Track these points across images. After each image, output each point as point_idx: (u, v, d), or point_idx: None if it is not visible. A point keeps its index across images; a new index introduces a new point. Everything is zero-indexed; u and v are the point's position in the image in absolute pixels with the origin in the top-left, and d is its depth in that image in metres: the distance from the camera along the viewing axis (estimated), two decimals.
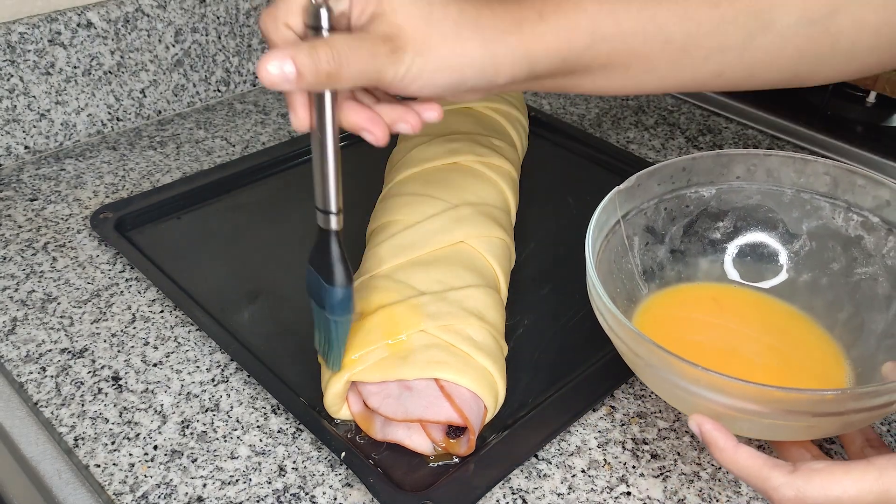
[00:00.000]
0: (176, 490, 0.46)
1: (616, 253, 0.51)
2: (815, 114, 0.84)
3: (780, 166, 0.53)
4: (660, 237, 0.54)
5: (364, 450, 0.48)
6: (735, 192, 0.54)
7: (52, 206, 0.69)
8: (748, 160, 0.53)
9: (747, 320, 0.53)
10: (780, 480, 0.36)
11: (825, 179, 0.52)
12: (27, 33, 0.71)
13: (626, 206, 0.51)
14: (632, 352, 0.43)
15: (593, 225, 0.48)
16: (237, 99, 0.87)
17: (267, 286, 0.60)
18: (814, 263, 0.53)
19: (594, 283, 0.44)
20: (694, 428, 0.39)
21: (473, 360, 0.48)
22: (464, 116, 0.70)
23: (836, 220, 0.52)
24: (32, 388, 0.52)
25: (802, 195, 0.53)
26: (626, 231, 0.52)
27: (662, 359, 0.40)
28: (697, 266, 0.55)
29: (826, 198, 0.52)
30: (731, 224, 0.55)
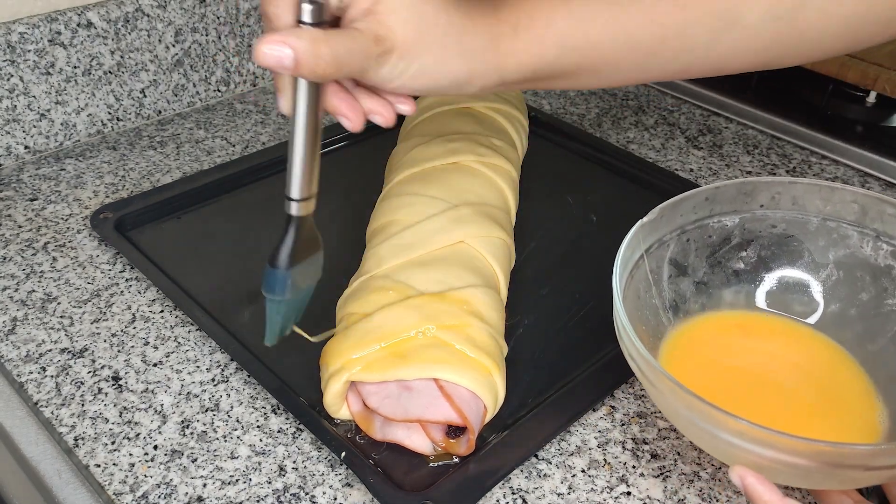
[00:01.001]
0: (176, 490, 0.46)
1: (641, 288, 0.49)
2: (815, 114, 0.84)
3: (805, 194, 0.51)
4: (683, 269, 0.52)
5: (364, 450, 0.48)
6: (759, 220, 0.52)
7: (52, 206, 0.69)
8: (772, 188, 0.51)
9: (775, 348, 0.51)
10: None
11: (853, 207, 0.50)
12: (27, 33, 0.71)
13: (650, 239, 0.50)
14: (665, 399, 0.41)
15: (619, 262, 0.46)
16: (237, 99, 0.87)
17: None
18: (842, 293, 0.52)
19: (625, 325, 0.42)
20: (736, 480, 0.39)
21: (473, 360, 0.48)
22: (464, 116, 0.70)
23: (864, 248, 0.50)
24: (32, 388, 0.52)
25: (829, 223, 0.51)
26: (650, 264, 0.50)
27: (704, 412, 0.38)
28: (721, 297, 0.53)
29: (854, 226, 0.51)
30: (754, 253, 0.53)
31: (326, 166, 0.76)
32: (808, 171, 0.76)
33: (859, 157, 0.77)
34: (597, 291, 0.60)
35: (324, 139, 0.77)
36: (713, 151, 0.79)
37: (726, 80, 0.90)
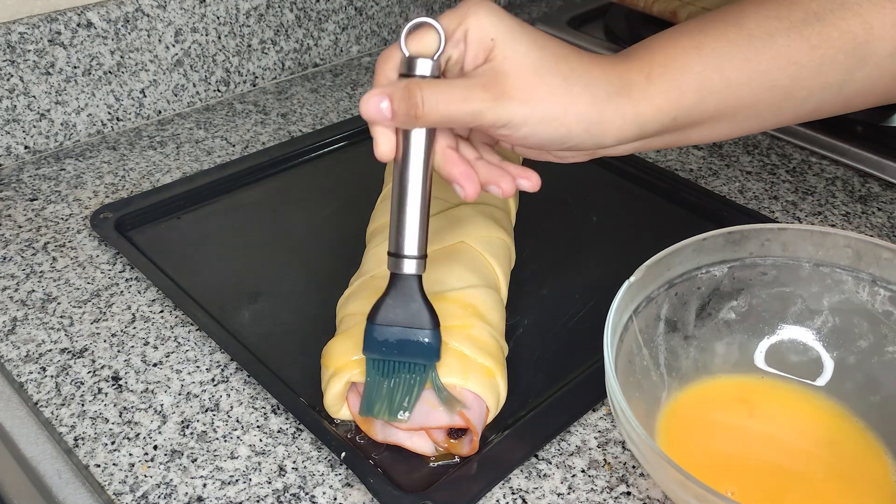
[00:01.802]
0: (176, 490, 0.46)
1: (631, 352, 0.47)
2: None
3: (795, 240, 0.50)
4: (672, 324, 0.50)
5: (364, 450, 0.48)
6: (748, 268, 0.51)
7: (52, 206, 0.69)
8: (761, 235, 0.50)
9: (776, 417, 0.49)
10: None
11: (846, 252, 0.49)
12: (27, 33, 0.71)
13: (637, 299, 0.48)
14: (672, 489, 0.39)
15: (609, 328, 0.44)
16: (237, 99, 0.87)
17: (267, 286, 0.60)
18: (839, 341, 0.50)
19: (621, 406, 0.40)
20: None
21: (474, 361, 0.48)
22: None
23: (860, 294, 0.49)
24: (32, 388, 0.52)
25: (822, 269, 0.50)
26: (639, 324, 0.48)
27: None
28: (714, 351, 0.51)
29: (848, 271, 0.49)
30: (745, 303, 0.51)
31: (326, 166, 0.76)
32: (808, 171, 0.76)
33: (859, 157, 0.77)
34: (597, 291, 0.60)
35: (323, 139, 0.77)
36: (713, 151, 0.79)
37: None
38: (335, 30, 0.94)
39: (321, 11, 0.91)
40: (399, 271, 0.43)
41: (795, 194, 0.73)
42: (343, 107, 0.86)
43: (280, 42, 0.89)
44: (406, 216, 0.42)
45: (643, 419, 0.40)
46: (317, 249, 0.65)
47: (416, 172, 0.42)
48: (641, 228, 0.68)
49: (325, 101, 0.87)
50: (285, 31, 0.89)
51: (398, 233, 0.43)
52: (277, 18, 0.88)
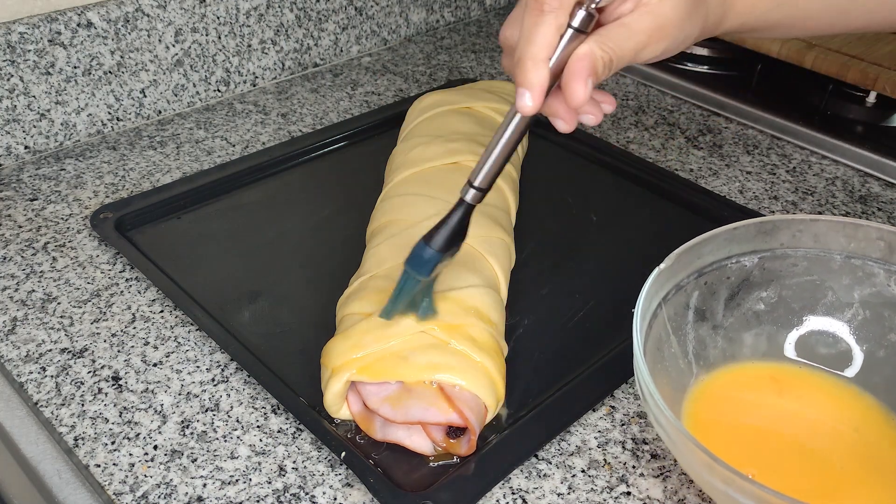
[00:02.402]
0: (176, 490, 0.46)
1: (659, 339, 0.47)
2: (815, 114, 0.84)
3: (827, 231, 0.49)
4: (701, 313, 0.50)
5: (364, 450, 0.48)
6: (779, 259, 0.50)
7: (52, 206, 0.69)
8: (793, 226, 0.50)
9: (803, 404, 0.49)
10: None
11: (879, 245, 0.48)
12: (27, 33, 0.71)
13: (667, 286, 0.48)
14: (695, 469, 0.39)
15: (638, 314, 0.44)
16: (237, 99, 0.87)
17: (267, 286, 0.60)
18: (869, 334, 0.50)
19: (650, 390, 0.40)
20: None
21: (474, 361, 0.48)
22: (464, 116, 0.70)
23: (891, 287, 0.49)
24: (32, 388, 0.52)
25: (853, 261, 0.49)
26: (668, 312, 0.48)
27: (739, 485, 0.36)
28: (742, 341, 0.51)
29: (880, 263, 0.49)
30: (775, 294, 0.51)
31: (326, 166, 0.76)
32: (808, 171, 0.76)
33: (859, 157, 0.77)
34: (597, 291, 0.60)
35: (323, 139, 0.77)
36: (713, 151, 0.79)
37: (726, 80, 0.91)
38: (335, 30, 0.94)
39: (321, 11, 0.91)
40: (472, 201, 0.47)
41: (795, 194, 0.73)
42: (343, 107, 0.86)
43: (280, 42, 0.89)
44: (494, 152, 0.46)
45: (669, 403, 0.40)
46: (317, 249, 0.65)
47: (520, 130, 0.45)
48: (641, 228, 0.68)
49: (325, 101, 0.87)
50: (285, 31, 0.89)
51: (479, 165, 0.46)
52: (277, 18, 0.88)
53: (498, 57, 0.98)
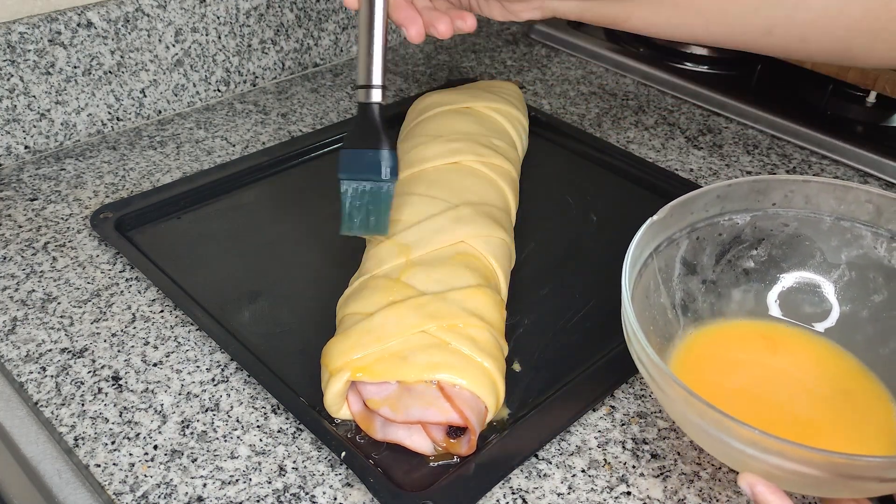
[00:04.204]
0: (176, 490, 0.46)
1: (649, 288, 0.48)
2: (815, 114, 0.84)
3: (819, 193, 0.50)
4: (692, 267, 0.51)
5: (364, 450, 0.48)
6: (770, 219, 0.51)
7: (52, 206, 0.69)
8: (786, 186, 0.50)
9: (787, 358, 0.50)
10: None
11: (867, 208, 0.49)
12: (27, 33, 0.71)
13: (659, 238, 0.49)
14: (675, 404, 0.40)
15: (628, 261, 0.45)
16: (237, 99, 0.87)
17: (267, 286, 0.60)
18: (854, 295, 0.51)
19: (634, 329, 0.42)
20: (745, 488, 0.38)
21: (474, 361, 0.48)
22: (464, 116, 0.70)
23: (878, 249, 0.50)
24: (32, 387, 0.52)
25: (842, 223, 0.50)
26: (659, 263, 0.49)
27: (715, 419, 0.38)
28: (731, 297, 0.52)
29: (868, 226, 0.50)
30: (765, 252, 0.52)
31: (327, 166, 0.76)
32: (808, 171, 0.76)
33: (859, 157, 0.77)
34: (597, 291, 0.60)
35: (323, 139, 0.77)
36: (713, 151, 0.79)
37: (726, 80, 0.91)
38: (335, 30, 0.94)
39: (321, 11, 0.91)
40: (368, 100, 0.52)
41: None
42: (343, 107, 0.86)
43: (280, 42, 0.89)
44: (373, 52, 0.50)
45: (655, 351, 0.41)
46: (317, 249, 0.65)
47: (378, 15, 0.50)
48: None
49: (325, 101, 0.87)
50: (285, 31, 0.89)
51: (367, 66, 0.51)
52: (277, 18, 0.88)
53: (498, 57, 0.98)
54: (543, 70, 0.95)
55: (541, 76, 0.93)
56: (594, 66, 0.96)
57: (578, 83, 0.92)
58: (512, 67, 0.96)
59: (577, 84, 0.92)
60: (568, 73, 0.94)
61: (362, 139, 0.52)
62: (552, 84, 0.92)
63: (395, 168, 0.52)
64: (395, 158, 0.52)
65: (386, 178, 0.52)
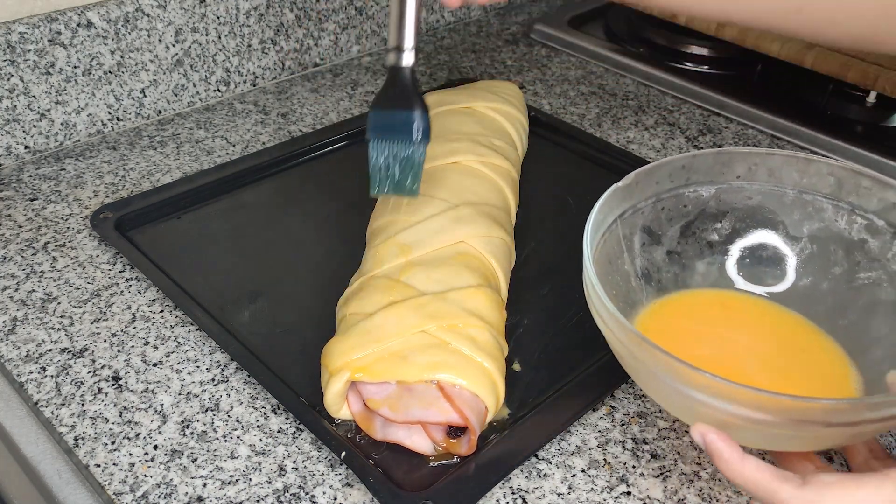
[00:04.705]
0: (176, 490, 0.46)
1: (613, 253, 0.50)
2: (815, 114, 0.84)
3: (782, 166, 0.51)
4: (657, 238, 0.52)
5: (364, 450, 0.48)
6: (735, 192, 0.52)
7: (52, 206, 0.69)
8: (749, 159, 0.51)
9: (749, 327, 0.51)
10: (789, 493, 0.34)
11: (829, 181, 0.50)
12: (27, 33, 0.71)
13: (624, 205, 0.50)
14: (632, 356, 0.41)
15: (591, 224, 0.47)
16: (237, 99, 0.87)
17: (267, 286, 0.60)
18: (815, 267, 0.52)
19: (593, 282, 0.43)
20: (697, 438, 0.38)
21: (474, 361, 0.48)
22: (464, 116, 0.70)
23: (838, 222, 0.50)
24: (32, 387, 0.52)
25: (805, 196, 0.51)
26: (623, 230, 0.50)
27: (666, 364, 0.38)
28: (694, 269, 0.53)
29: (829, 199, 0.50)
30: (729, 225, 0.53)
31: (327, 166, 0.76)
32: None
33: (859, 157, 0.77)
34: None
35: (323, 139, 0.77)
36: None
37: (726, 80, 0.91)
38: (335, 30, 0.94)
39: (321, 11, 0.91)
40: (398, 64, 0.50)
41: None
42: (343, 107, 0.86)
43: (280, 42, 0.89)
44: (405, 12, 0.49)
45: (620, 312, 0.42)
46: (317, 249, 0.65)
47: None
48: None
49: (325, 101, 0.87)
50: (285, 31, 0.89)
51: (399, 29, 0.49)
52: (277, 18, 0.88)
53: (498, 57, 0.98)
54: (543, 70, 0.95)
55: (541, 76, 0.93)
56: (594, 66, 0.96)
57: (578, 83, 0.92)
58: (512, 67, 0.96)
59: (577, 84, 0.92)
60: (568, 73, 0.94)
61: (392, 101, 0.50)
62: (552, 84, 0.92)
63: (428, 130, 0.50)
64: (427, 120, 0.50)
65: (417, 139, 0.50)
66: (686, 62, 0.95)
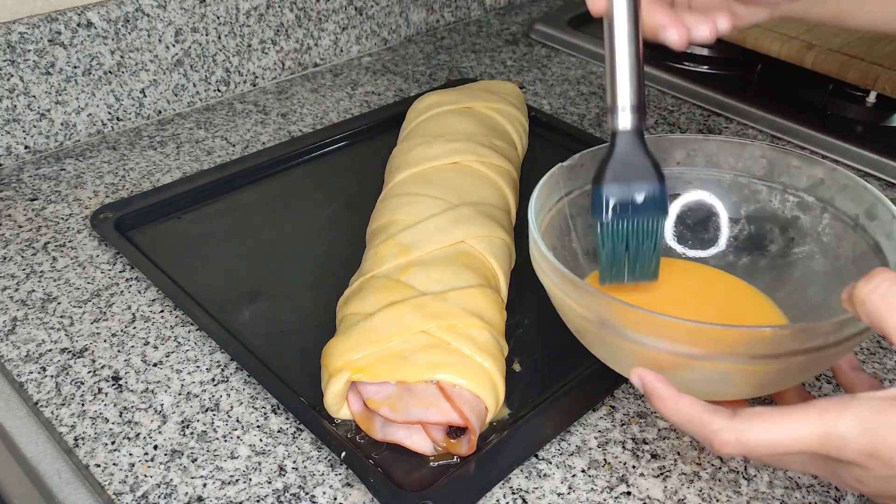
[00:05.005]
0: (176, 490, 0.46)
1: (560, 230, 0.52)
2: (815, 114, 0.84)
3: (718, 151, 0.53)
4: None
5: (364, 450, 0.48)
6: (675, 177, 0.54)
7: (53, 206, 0.69)
8: (688, 145, 0.53)
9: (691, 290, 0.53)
10: (720, 424, 0.35)
11: (762, 163, 0.53)
12: (27, 33, 0.71)
13: (570, 185, 0.52)
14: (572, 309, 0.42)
15: (534, 198, 0.48)
16: (237, 99, 0.87)
17: (267, 286, 0.60)
18: (753, 246, 0.54)
19: (534, 233, 0.45)
20: (635, 380, 0.39)
21: (474, 361, 0.48)
22: (464, 116, 0.70)
23: (773, 202, 0.53)
24: (32, 387, 0.52)
25: (740, 179, 0.54)
26: (570, 210, 0.52)
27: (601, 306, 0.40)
28: None
29: (763, 181, 0.53)
30: (672, 212, 0.55)
31: (327, 166, 0.76)
32: None
33: (859, 157, 0.77)
34: None
35: (323, 139, 0.77)
36: None
37: (726, 80, 0.91)
38: (335, 30, 0.94)
39: (321, 11, 0.91)
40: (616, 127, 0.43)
41: None
42: (343, 107, 0.86)
43: (280, 42, 0.89)
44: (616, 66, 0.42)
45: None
46: (317, 249, 0.65)
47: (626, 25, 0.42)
48: None
49: (325, 101, 0.87)
50: (285, 31, 0.89)
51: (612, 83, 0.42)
52: (277, 18, 0.88)
53: (498, 57, 0.98)
54: (543, 70, 0.95)
55: (541, 76, 0.93)
56: (594, 66, 0.96)
57: (578, 83, 0.92)
58: (512, 67, 0.96)
59: (577, 84, 0.92)
60: (568, 73, 0.94)
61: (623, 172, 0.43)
62: (552, 84, 0.92)
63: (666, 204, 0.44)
64: (665, 192, 0.44)
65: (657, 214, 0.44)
66: (686, 62, 0.95)
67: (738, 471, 0.48)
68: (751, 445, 0.34)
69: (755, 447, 0.34)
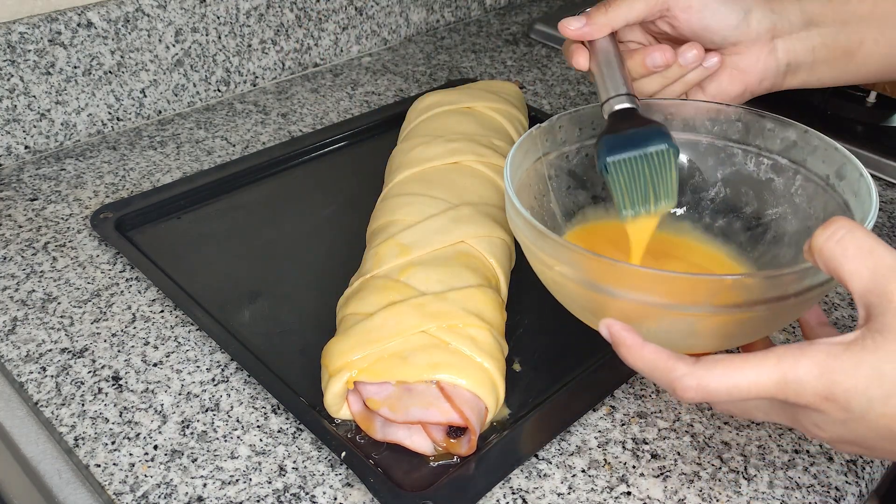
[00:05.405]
0: (176, 490, 0.46)
1: (538, 190, 0.52)
2: (815, 114, 0.84)
3: (695, 115, 0.54)
4: (581, 182, 0.55)
5: (364, 450, 0.48)
6: None
7: (53, 206, 0.69)
8: (665, 109, 0.54)
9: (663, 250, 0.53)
10: (683, 370, 0.36)
11: (737, 126, 0.53)
12: (27, 33, 0.71)
13: (548, 147, 0.53)
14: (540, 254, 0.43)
15: (510, 158, 0.48)
16: (237, 99, 0.87)
17: (267, 286, 0.60)
18: (728, 208, 0.55)
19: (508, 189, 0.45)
20: (603, 331, 0.40)
21: (474, 361, 0.48)
22: (464, 116, 0.70)
23: (748, 165, 0.54)
24: (32, 387, 0.52)
25: (717, 143, 0.54)
26: (548, 171, 0.53)
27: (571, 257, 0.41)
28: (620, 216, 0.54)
29: (739, 144, 0.54)
30: None
31: (327, 166, 0.76)
32: None
33: (859, 157, 0.76)
34: None
35: (323, 139, 0.77)
36: None
37: None
38: (335, 30, 0.94)
39: (321, 11, 0.91)
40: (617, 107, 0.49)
41: None
42: (343, 107, 0.86)
43: (280, 42, 0.89)
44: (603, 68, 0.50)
45: None
46: (317, 249, 0.65)
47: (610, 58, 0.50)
48: None
49: (325, 101, 0.87)
50: (285, 31, 0.89)
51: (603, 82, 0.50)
52: (277, 18, 0.88)
53: (498, 57, 0.98)
54: (543, 70, 0.95)
55: (541, 76, 0.93)
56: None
57: (578, 83, 0.92)
58: (512, 67, 0.96)
59: (577, 84, 0.92)
60: (568, 73, 0.94)
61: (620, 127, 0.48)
62: (552, 84, 0.92)
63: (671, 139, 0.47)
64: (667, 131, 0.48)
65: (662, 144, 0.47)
66: None
67: (738, 471, 0.48)
68: (710, 390, 0.35)
69: (715, 392, 0.35)
